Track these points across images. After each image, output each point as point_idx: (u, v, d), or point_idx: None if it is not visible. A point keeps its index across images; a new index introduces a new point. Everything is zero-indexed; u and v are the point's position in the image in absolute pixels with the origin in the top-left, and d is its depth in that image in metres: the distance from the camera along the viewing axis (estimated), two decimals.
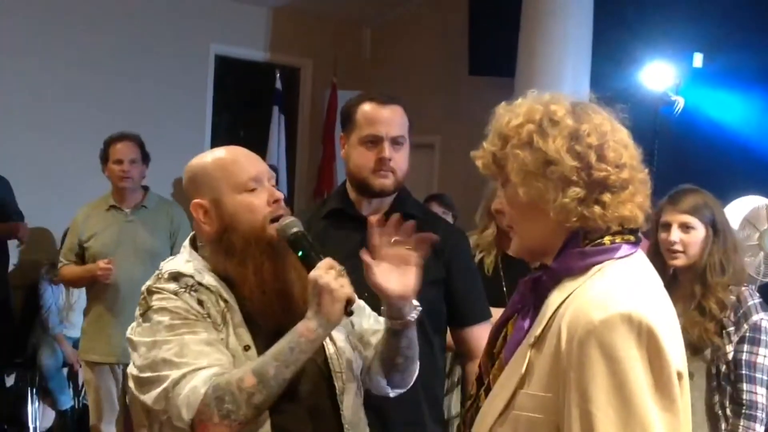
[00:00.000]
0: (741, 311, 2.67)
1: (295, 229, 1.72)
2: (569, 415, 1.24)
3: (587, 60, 5.12)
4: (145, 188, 4.35)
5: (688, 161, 5.31)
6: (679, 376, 1.26)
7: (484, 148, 1.44)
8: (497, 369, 1.43)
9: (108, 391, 4.16)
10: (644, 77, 5.60)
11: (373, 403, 2.10)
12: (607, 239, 1.35)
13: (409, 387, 2.01)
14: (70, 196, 5.58)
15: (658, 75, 5.57)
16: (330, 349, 1.79)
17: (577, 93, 1.50)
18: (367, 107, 2.30)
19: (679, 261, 2.73)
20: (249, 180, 1.74)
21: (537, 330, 1.34)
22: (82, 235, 4.17)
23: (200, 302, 1.69)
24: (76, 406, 5.59)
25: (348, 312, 1.66)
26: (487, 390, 1.43)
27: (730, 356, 2.64)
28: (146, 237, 4.15)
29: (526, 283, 1.44)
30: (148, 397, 1.64)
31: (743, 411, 2.61)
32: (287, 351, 1.61)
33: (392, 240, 1.77)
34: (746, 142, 5.57)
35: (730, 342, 2.65)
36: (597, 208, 1.33)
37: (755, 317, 2.66)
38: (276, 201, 1.75)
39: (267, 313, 1.72)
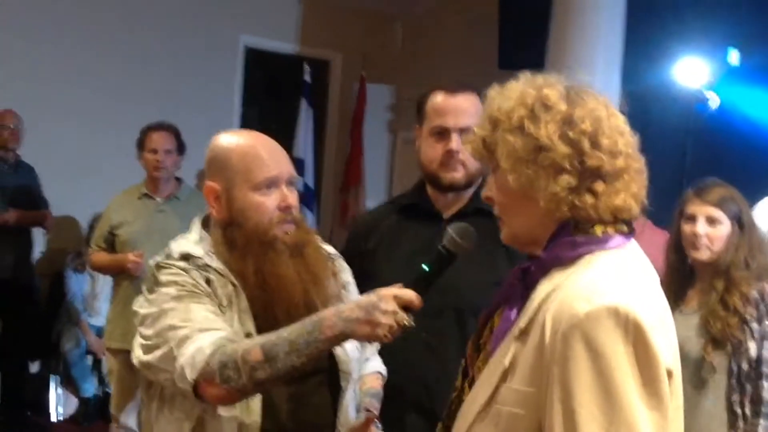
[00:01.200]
0: (763, 307, 2.60)
1: (448, 247, 1.55)
2: (551, 412, 1.18)
3: (619, 55, 5.01)
4: (179, 179, 4.37)
5: (722, 160, 5.19)
6: (670, 374, 1.19)
7: (475, 132, 1.38)
8: (482, 361, 1.37)
9: (130, 381, 4.16)
10: (677, 73, 5.48)
11: (429, 410, 2.09)
12: (598, 229, 1.29)
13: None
14: (96, 185, 5.61)
15: (692, 71, 5.45)
16: (338, 349, 1.74)
17: (608, 88, 1.44)
18: (436, 97, 2.24)
19: (703, 255, 2.66)
20: (265, 179, 1.69)
21: (522, 322, 1.28)
22: (113, 221, 4.20)
23: (208, 281, 1.67)
24: (100, 395, 5.62)
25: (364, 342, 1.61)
26: (471, 382, 1.38)
27: (752, 353, 2.57)
28: (177, 227, 4.05)
29: (514, 272, 1.39)
30: (153, 357, 1.60)
31: (763, 410, 2.54)
32: (303, 342, 1.51)
33: None
34: None
35: (753, 339, 2.58)
36: (589, 198, 1.27)
37: None
38: (287, 207, 1.70)
39: (268, 313, 1.68)
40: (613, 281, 1.22)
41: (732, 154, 5.34)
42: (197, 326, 1.57)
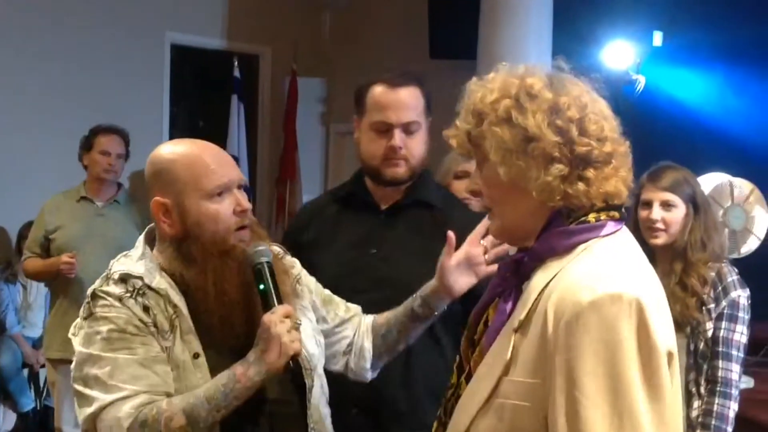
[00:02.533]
0: (720, 287, 2.65)
1: (262, 259, 1.64)
2: (554, 402, 1.18)
3: (548, 40, 5.09)
4: (119, 184, 4.26)
5: (650, 140, 5.30)
6: (670, 355, 1.21)
7: (458, 127, 1.36)
8: (478, 355, 1.36)
9: (73, 392, 4.05)
10: (605, 56, 5.60)
11: (373, 409, 2.07)
12: (591, 217, 1.28)
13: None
14: (24, 192, 5.44)
15: (619, 54, 5.58)
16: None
17: None
18: (377, 90, 2.17)
19: (660, 240, 2.70)
20: (217, 187, 1.64)
21: (521, 314, 1.27)
22: (48, 226, 4.05)
23: (146, 308, 1.62)
24: (38, 408, 5.47)
25: (289, 368, 1.60)
26: (468, 377, 1.36)
27: (709, 333, 2.63)
28: (117, 232, 4.02)
29: (507, 265, 1.37)
30: (80, 414, 1.62)
31: (718, 389, 2.59)
32: (221, 396, 1.56)
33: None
34: (707, 119, 5.60)
35: (710, 319, 2.63)
36: (581, 185, 1.26)
37: (733, 294, 2.65)
38: (243, 211, 1.66)
39: (227, 324, 1.65)
40: (614, 269, 1.22)
41: (659, 134, 5.48)
42: (120, 390, 1.56)
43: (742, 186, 4.08)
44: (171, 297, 1.64)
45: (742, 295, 2.66)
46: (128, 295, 1.63)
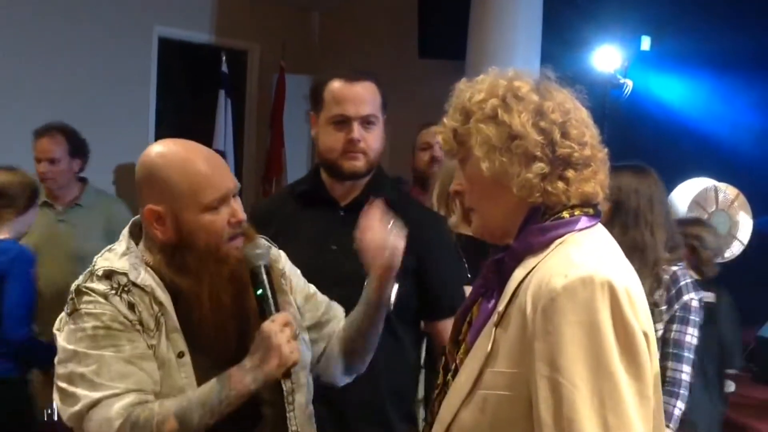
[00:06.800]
0: (673, 291, 2.66)
1: (260, 263, 1.64)
2: (537, 388, 1.21)
3: (538, 43, 5.10)
4: (83, 181, 3.99)
5: (636, 143, 5.35)
6: (646, 336, 1.24)
7: (445, 124, 1.43)
8: (463, 353, 1.40)
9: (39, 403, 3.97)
10: (594, 60, 5.62)
11: (332, 403, 2.05)
12: (566, 213, 1.34)
13: (361, 373, 1.96)
14: None
15: (607, 58, 5.60)
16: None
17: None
18: (335, 85, 2.20)
19: None
20: (215, 200, 1.62)
21: (500, 307, 1.32)
22: None
23: (131, 306, 1.60)
24: None
25: (286, 375, 1.60)
26: (455, 375, 1.40)
27: (659, 334, 2.62)
28: (79, 239, 3.80)
29: (488, 265, 1.42)
30: (63, 413, 1.58)
31: (664, 387, 2.56)
32: (215, 401, 1.56)
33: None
34: (693, 124, 5.64)
35: (661, 320, 2.64)
36: (560, 184, 1.33)
37: (686, 297, 2.66)
38: (237, 222, 1.65)
39: (221, 331, 1.64)
40: (585, 256, 1.27)
41: (646, 138, 5.52)
42: (108, 389, 1.54)
43: (727, 191, 4.12)
44: (156, 294, 1.62)
45: (694, 298, 2.67)
46: (113, 292, 1.60)
